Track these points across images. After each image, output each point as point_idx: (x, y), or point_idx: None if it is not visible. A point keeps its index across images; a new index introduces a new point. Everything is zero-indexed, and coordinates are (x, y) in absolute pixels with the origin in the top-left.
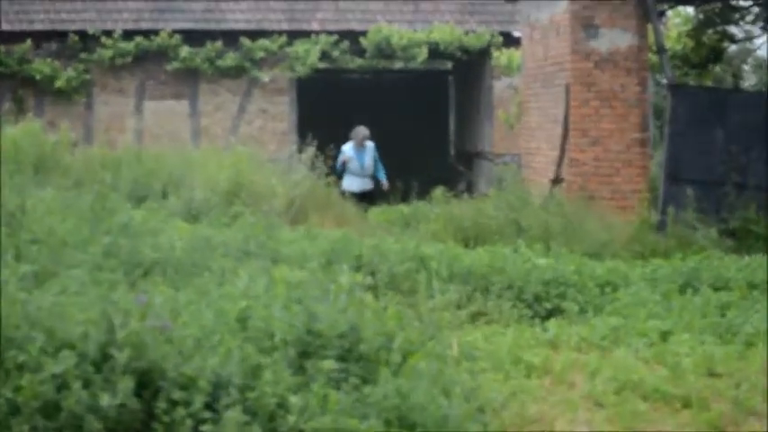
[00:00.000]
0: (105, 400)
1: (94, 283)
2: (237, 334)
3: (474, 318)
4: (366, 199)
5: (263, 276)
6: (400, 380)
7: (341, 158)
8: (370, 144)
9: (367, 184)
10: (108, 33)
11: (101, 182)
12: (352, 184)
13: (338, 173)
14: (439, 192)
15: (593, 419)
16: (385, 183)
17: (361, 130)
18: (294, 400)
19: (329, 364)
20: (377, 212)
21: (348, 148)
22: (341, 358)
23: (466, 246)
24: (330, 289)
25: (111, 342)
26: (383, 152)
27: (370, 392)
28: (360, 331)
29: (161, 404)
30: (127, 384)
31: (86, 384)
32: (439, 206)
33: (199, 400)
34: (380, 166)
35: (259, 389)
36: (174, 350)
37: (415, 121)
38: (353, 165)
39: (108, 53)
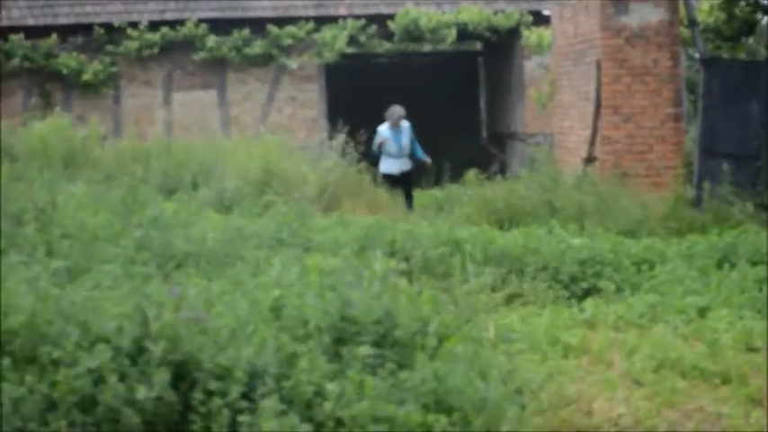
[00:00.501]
0: (142, 392)
1: (127, 277)
2: (272, 323)
3: (510, 300)
4: (405, 180)
5: (296, 265)
6: (436, 364)
7: (377, 140)
8: (405, 124)
9: (405, 165)
10: (134, 25)
11: (131, 175)
12: (390, 166)
13: (375, 155)
14: (472, 174)
15: (632, 398)
16: (427, 160)
17: (397, 110)
18: (330, 387)
19: (365, 350)
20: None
21: (384, 129)
22: (376, 344)
23: (500, 228)
24: (364, 275)
25: (146, 335)
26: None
27: (406, 377)
28: (394, 316)
29: (197, 395)
30: (163, 377)
31: (122, 378)
32: (472, 189)
33: (235, 390)
34: (417, 145)
35: (295, 377)
36: (208, 341)
37: (445, 103)
38: (390, 146)
39: (134, 45)
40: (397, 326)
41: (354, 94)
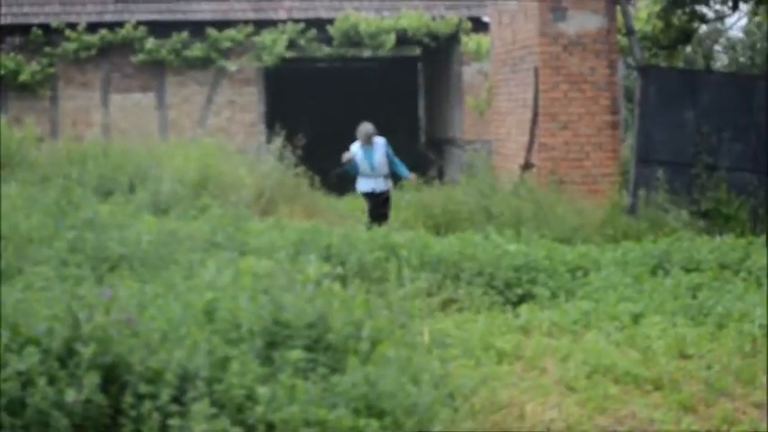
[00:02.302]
0: (71, 395)
1: (60, 279)
2: (204, 326)
3: (445, 305)
4: (381, 201)
5: (230, 268)
6: (369, 368)
7: (344, 157)
8: (379, 141)
9: (380, 185)
10: (72, 26)
11: (66, 177)
12: (364, 184)
13: (348, 173)
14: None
15: (564, 403)
16: (411, 176)
17: (366, 128)
18: (262, 390)
19: (297, 353)
20: (346, 202)
21: (356, 148)
22: (309, 348)
23: (437, 233)
24: (297, 279)
25: (77, 337)
26: (350, 141)
27: (338, 381)
28: (328, 320)
29: (128, 398)
30: (92, 379)
31: (51, 380)
32: (409, 194)
33: (166, 394)
34: (398, 163)
35: (226, 381)
36: (140, 344)
37: (384, 108)
38: (363, 165)
39: (72, 46)
40: (329, 330)
41: (293, 99)
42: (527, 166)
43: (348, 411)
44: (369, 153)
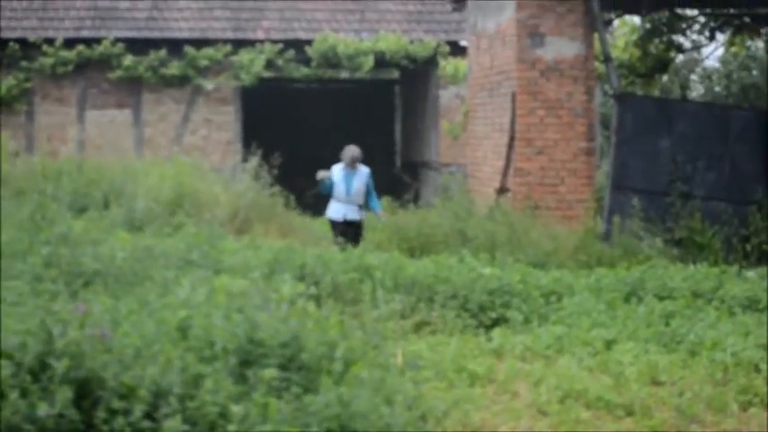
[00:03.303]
0: (43, 409)
1: (34, 294)
2: (178, 343)
3: (418, 327)
4: (352, 230)
5: (204, 286)
6: (342, 389)
7: (319, 175)
8: (363, 169)
9: (352, 213)
10: (49, 42)
11: (41, 192)
12: (336, 211)
13: (322, 193)
14: (384, 202)
15: (536, 427)
16: (381, 214)
17: (352, 150)
18: (235, 409)
19: (270, 372)
20: (321, 222)
21: (337, 170)
22: (282, 367)
23: (411, 255)
24: (272, 298)
25: (50, 351)
26: (329, 162)
27: (311, 401)
28: (301, 340)
29: (100, 414)
30: (65, 394)
31: (24, 394)
32: (384, 216)
33: (138, 410)
34: (374, 196)
35: (199, 398)
36: (113, 359)
37: (361, 130)
38: (339, 188)
39: (49, 62)
40: (303, 349)
41: (270, 118)
42: (502, 190)
43: (321, 431)
44: (350, 177)
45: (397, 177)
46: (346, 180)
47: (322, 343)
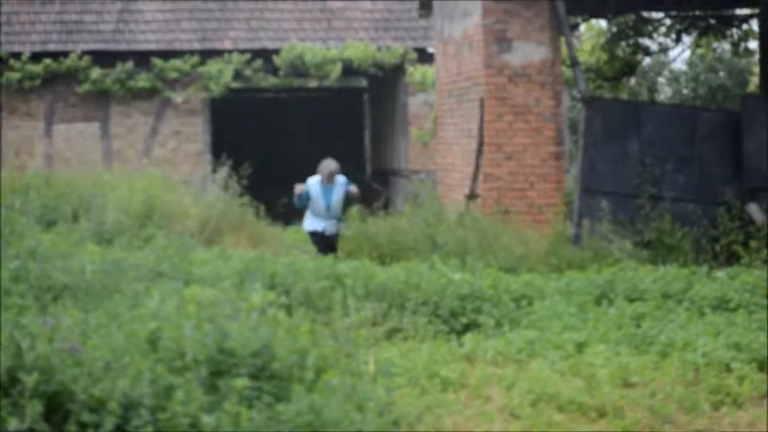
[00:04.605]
0: (13, 424)
1: (3, 308)
2: (148, 355)
3: (390, 334)
4: (329, 244)
5: (174, 297)
6: (314, 396)
7: (297, 190)
8: (340, 179)
9: (331, 227)
10: (16, 56)
11: (9, 206)
12: (314, 224)
13: (298, 207)
14: (355, 210)
15: (508, 431)
16: (352, 189)
17: (329, 165)
18: (206, 419)
19: (241, 382)
20: (292, 232)
21: (313, 183)
22: (253, 376)
23: (382, 263)
24: (242, 308)
25: (19, 366)
26: (299, 171)
27: (283, 410)
28: (272, 349)
29: (71, 427)
30: (35, 408)
31: None
32: (355, 224)
33: (109, 423)
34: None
35: (171, 409)
36: (83, 373)
37: (330, 138)
38: (317, 204)
39: (16, 76)
40: (274, 358)
41: (240, 129)
42: (472, 196)
43: None
44: (328, 192)
45: (367, 185)
46: (324, 195)
47: (293, 351)
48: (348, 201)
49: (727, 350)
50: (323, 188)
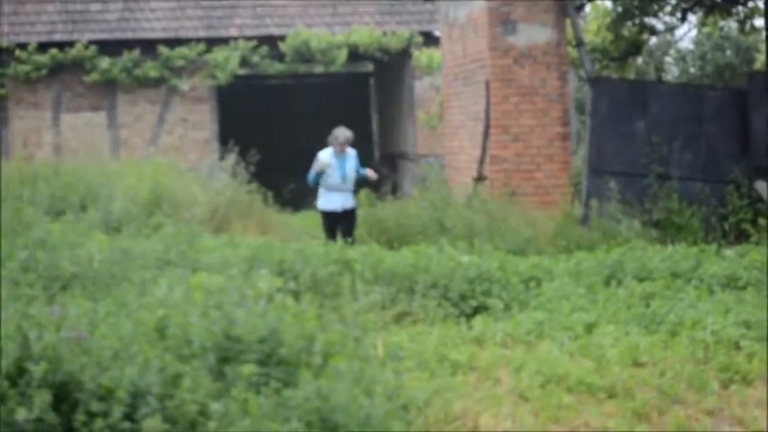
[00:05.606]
0: (22, 414)
1: (12, 299)
2: (156, 343)
3: (399, 318)
4: (347, 219)
5: (182, 285)
6: (321, 381)
7: (315, 166)
8: (351, 151)
9: (349, 201)
10: (22, 46)
11: (17, 197)
12: (331, 201)
13: (312, 184)
14: (363, 194)
15: (518, 413)
16: (369, 172)
17: (342, 133)
18: (214, 406)
19: (249, 368)
20: (300, 218)
21: (325, 155)
22: (261, 362)
23: (390, 247)
24: (249, 294)
25: (27, 356)
26: (306, 157)
27: (291, 395)
28: (280, 335)
29: (79, 416)
30: (43, 398)
31: (2, 399)
32: (363, 209)
33: (117, 411)
34: (361, 170)
35: (178, 397)
36: (91, 362)
37: (337, 124)
38: (332, 176)
39: (23, 67)
40: (281, 344)
41: (246, 116)
42: (479, 178)
43: (301, 425)
44: (342, 162)
45: (376, 170)
46: (339, 166)
47: (300, 337)
48: (362, 181)
49: (736, 328)
50: (337, 159)
